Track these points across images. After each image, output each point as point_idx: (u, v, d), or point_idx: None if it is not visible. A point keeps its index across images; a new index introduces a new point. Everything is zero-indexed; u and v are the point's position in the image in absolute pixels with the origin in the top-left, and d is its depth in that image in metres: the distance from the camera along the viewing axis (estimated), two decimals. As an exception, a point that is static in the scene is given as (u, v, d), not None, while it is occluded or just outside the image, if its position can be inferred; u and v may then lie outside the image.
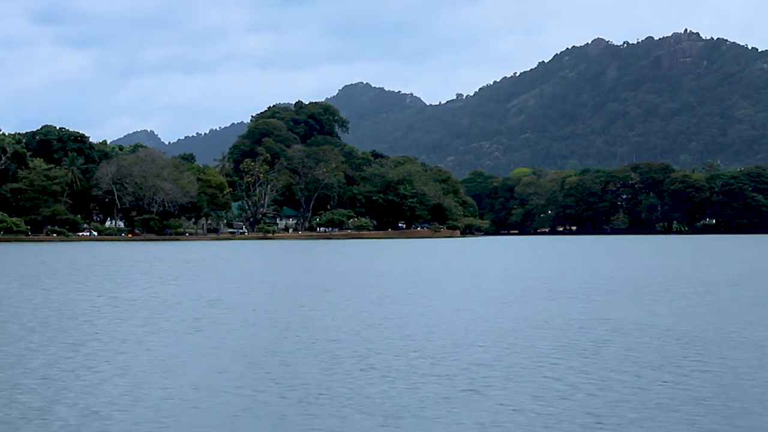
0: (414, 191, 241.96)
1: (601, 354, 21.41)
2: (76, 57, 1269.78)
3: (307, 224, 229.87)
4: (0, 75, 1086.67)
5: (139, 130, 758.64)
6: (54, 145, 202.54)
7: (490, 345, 22.93)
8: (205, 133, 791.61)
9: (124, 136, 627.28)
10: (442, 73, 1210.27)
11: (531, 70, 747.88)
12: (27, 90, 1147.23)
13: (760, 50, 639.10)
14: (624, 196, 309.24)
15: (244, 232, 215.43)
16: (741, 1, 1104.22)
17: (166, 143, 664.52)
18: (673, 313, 30.78)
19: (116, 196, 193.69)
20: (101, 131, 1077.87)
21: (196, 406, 15.59)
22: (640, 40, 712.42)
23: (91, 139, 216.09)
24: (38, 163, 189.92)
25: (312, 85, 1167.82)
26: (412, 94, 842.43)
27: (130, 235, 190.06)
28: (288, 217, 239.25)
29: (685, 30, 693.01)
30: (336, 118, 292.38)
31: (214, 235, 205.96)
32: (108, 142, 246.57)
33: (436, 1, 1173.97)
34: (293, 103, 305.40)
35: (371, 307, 33.50)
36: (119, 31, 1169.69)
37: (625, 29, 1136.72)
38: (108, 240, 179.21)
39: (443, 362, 20.15)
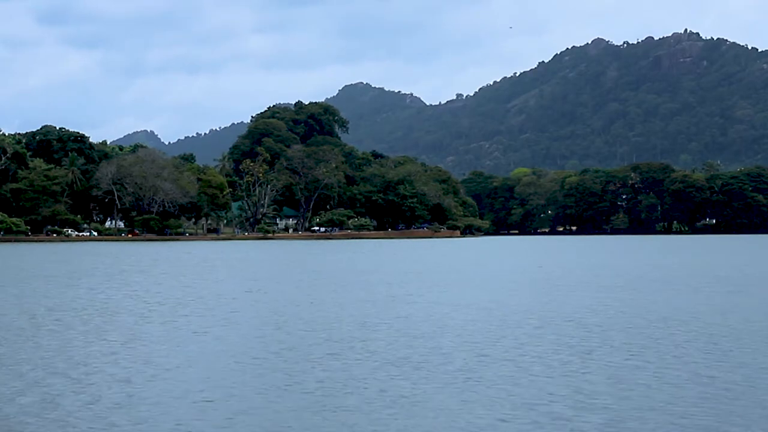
0: (414, 191, 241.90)
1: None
2: (81, 57, 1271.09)
3: (307, 224, 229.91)
4: (5, 75, 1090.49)
5: (139, 130, 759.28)
6: (54, 145, 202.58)
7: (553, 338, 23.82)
8: (205, 134, 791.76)
9: (124, 136, 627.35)
10: (445, 73, 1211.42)
11: (531, 70, 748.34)
12: (31, 90, 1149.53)
13: (760, 50, 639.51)
14: (624, 196, 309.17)
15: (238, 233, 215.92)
16: (741, 2, 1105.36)
17: (166, 143, 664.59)
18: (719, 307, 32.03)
19: (116, 197, 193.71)
20: (105, 131, 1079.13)
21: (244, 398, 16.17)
22: (640, 40, 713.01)
23: (91, 140, 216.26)
24: (38, 163, 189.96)
25: (316, 85, 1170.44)
26: (412, 94, 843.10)
27: (130, 236, 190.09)
28: (288, 217, 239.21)
29: (685, 30, 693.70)
30: (336, 118, 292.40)
31: (214, 235, 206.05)
32: (108, 142, 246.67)
33: (441, 1, 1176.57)
34: (293, 103, 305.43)
35: (422, 303, 34.19)
36: (125, 32, 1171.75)
37: (625, 29, 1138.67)
38: (108, 240, 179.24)
39: (495, 355, 20.77)
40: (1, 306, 33.87)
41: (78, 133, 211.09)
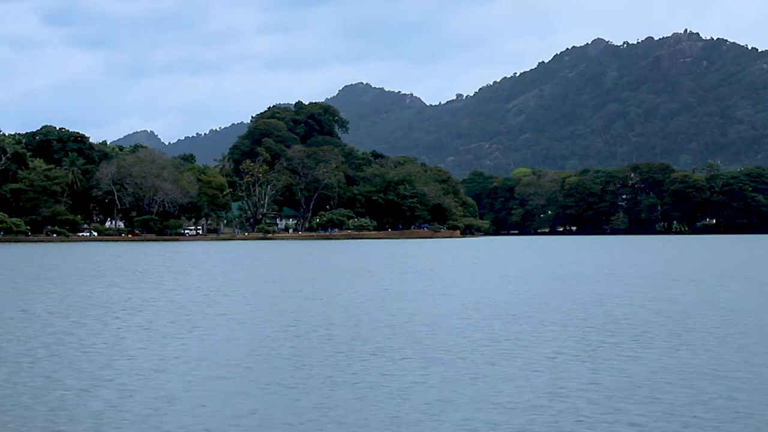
0: (414, 191, 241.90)
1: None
2: (86, 58, 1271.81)
3: (307, 224, 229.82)
4: (10, 75, 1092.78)
5: (139, 130, 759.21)
6: (54, 145, 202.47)
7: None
8: (205, 134, 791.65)
9: (124, 137, 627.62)
10: (445, 73, 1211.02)
11: (531, 70, 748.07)
12: (36, 90, 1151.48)
13: (760, 50, 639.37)
14: (624, 196, 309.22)
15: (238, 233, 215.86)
16: (741, 2, 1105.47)
17: (166, 143, 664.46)
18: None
19: (116, 197, 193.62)
20: (109, 132, 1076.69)
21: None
22: (640, 40, 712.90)
23: (92, 140, 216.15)
24: (38, 163, 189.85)
25: (320, 85, 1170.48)
26: (412, 94, 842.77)
27: (130, 236, 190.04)
28: (288, 217, 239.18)
29: (685, 30, 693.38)
30: (336, 118, 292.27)
31: (214, 236, 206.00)
32: (108, 143, 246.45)
33: (444, 2, 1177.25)
34: (293, 103, 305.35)
35: (478, 304, 34.62)
36: (130, 32, 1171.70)
37: (625, 29, 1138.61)
38: (108, 240, 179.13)
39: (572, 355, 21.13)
40: (47, 305, 34.45)
41: (78, 133, 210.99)
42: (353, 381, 17.58)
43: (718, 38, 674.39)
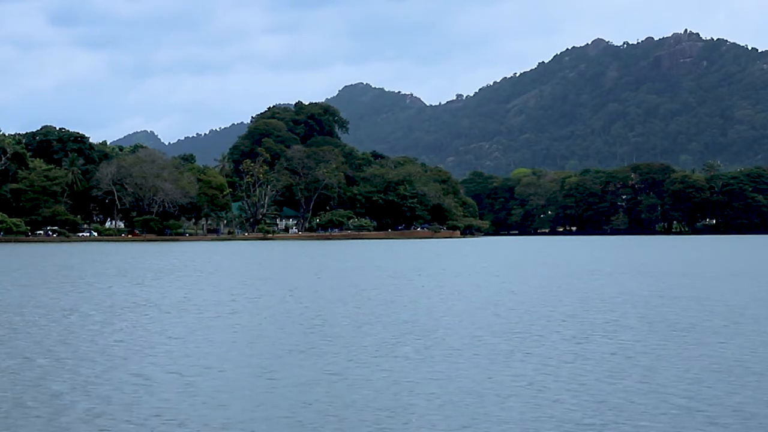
0: (414, 192, 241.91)
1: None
2: (90, 58, 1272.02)
3: (307, 225, 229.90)
4: (15, 76, 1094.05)
5: (139, 130, 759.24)
6: (54, 145, 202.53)
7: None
8: (205, 134, 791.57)
9: (125, 137, 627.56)
10: (445, 74, 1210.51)
11: (531, 70, 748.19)
12: (39, 90, 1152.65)
13: (760, 50, 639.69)
14: (624, 197, 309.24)
15: (219, 231, 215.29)
16: (741, 2, 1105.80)
17: (166, 143, 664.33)
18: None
19: (116, 197, 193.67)
20: (112, 132, 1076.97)
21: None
22: (640, 41, 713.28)
23: (92, 140, 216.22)
24: (38, 163, 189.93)
25: (322, 86, 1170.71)
26: (412, 94, 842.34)
27: (130, 236, 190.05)
28: (288, 217, 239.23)
29: (685, 30, 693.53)
30: (336, 118, 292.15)
31: (214, 236, 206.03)
32: (108, 143, 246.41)
33: (448, 3, 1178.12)
34: (294, 103, 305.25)
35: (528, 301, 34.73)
36: (135, 33, 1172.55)
37: (625, 29, 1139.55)
38: (109, 240, 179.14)
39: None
40: (79, 304, 34.85)
41: (78, 133, 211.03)
42: (378, 378, 17.89)
43: (718, 38, 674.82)
